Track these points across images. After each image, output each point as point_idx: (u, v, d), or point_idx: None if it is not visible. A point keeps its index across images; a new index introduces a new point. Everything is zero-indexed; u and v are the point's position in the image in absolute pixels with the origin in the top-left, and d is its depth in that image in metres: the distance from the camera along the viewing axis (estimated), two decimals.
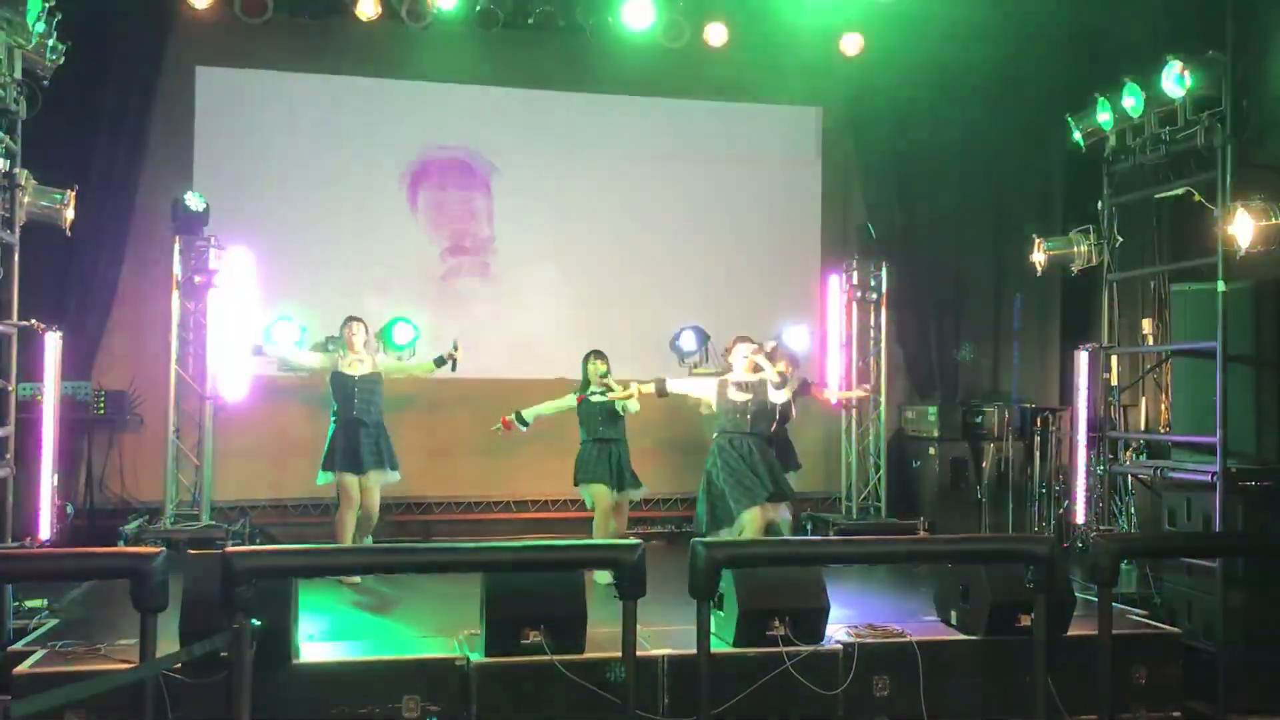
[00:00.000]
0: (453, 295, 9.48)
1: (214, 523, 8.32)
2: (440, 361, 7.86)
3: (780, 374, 7.51)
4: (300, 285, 8.98)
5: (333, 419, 7.62)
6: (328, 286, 8.93)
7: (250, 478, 8.93)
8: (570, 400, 7.89)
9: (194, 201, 8.19)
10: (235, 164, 8.99)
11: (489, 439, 9.42)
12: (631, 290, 9.67)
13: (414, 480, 9.10)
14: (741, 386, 7.11)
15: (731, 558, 5.15)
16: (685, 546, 5.08)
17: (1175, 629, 6.03)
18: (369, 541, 7.65)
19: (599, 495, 7.75)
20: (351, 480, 7.48)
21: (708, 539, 6.15)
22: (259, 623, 4.44)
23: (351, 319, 7.72)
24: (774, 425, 8.00)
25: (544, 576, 5.30)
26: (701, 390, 7.34)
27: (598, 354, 8.03)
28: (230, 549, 4.78)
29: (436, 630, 5.82)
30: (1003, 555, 5.49)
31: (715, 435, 7.11)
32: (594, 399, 7.90)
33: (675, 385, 7.52)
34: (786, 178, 10.16)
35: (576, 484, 7.86)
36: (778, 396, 7.24)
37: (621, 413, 7.94)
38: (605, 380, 7.86)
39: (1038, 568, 5.03)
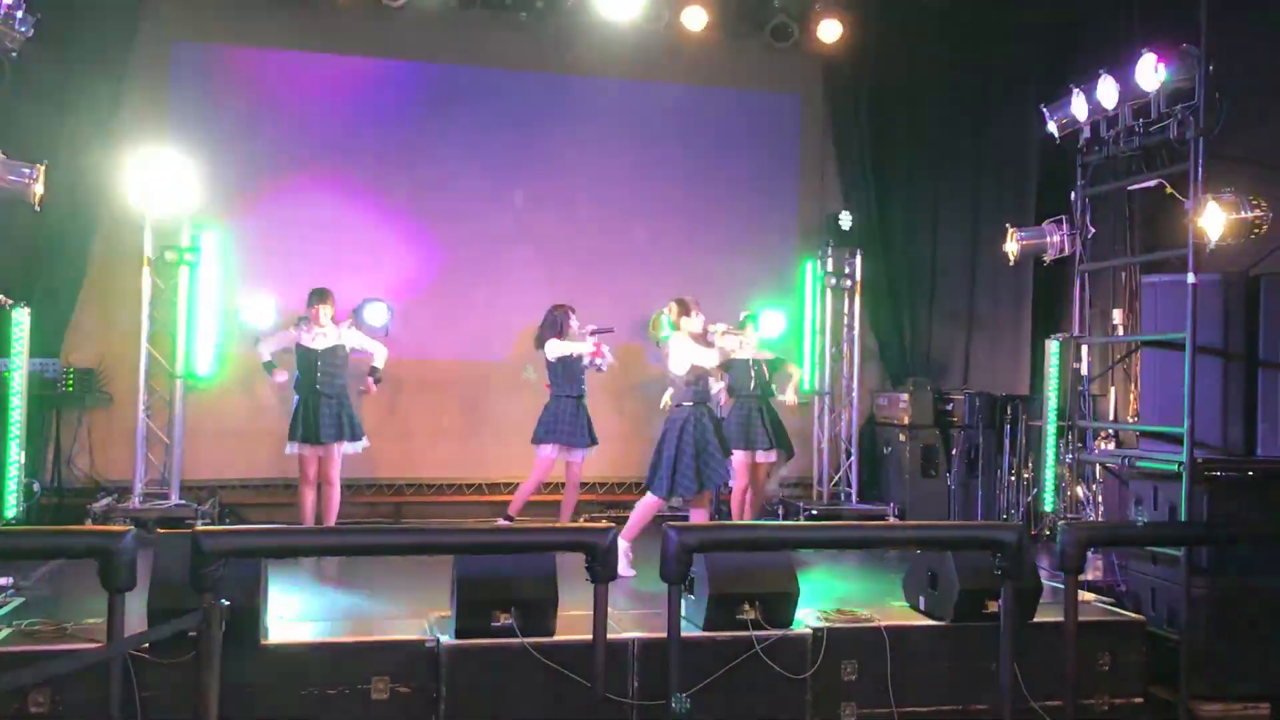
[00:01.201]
0: (427, 277, 9.42)
1: (183, 502, 8.28)
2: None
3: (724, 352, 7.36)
4: (275, 264, 8.91)
5: (296, 391, 7.63)
6: (302, 265, 8.85)
7: (220, 457, 8.88)
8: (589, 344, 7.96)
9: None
10: (209, 140, 8.86)
11: (461, 421, 9.45)
12: (605, 275, 9.65)
13: (385, 462, 9.10)
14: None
15: (703, 542, 5.16)
16: (657, 531, 5.09)
17: (1139, 617, 6.09)
18: (333, 520, 7.65)
19: (546, 458, 7.89)
20: (309, 453, 7.53)
21: (680, 524, 6.16)
22: (228, 603, 4.42)
23: (318, 295, 7.68)
24: (752, 390, 8.03)
25: (515, 559, 5.29)
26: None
27: (572, 309, 8.13)
28: (199, 529, 4.74)
29: (407, 612, 5.80)
30: (971, 542, 5.53)
31: (681, 404, 7.01)
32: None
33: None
34: (763, 164, 10.15)
35: (539, 441, 7.92)
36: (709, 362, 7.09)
37: (596, 370, 8.13)
38: (590, 337, 7.98)
39: (1005, 555, 5.07)
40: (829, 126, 10.27)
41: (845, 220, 9.73)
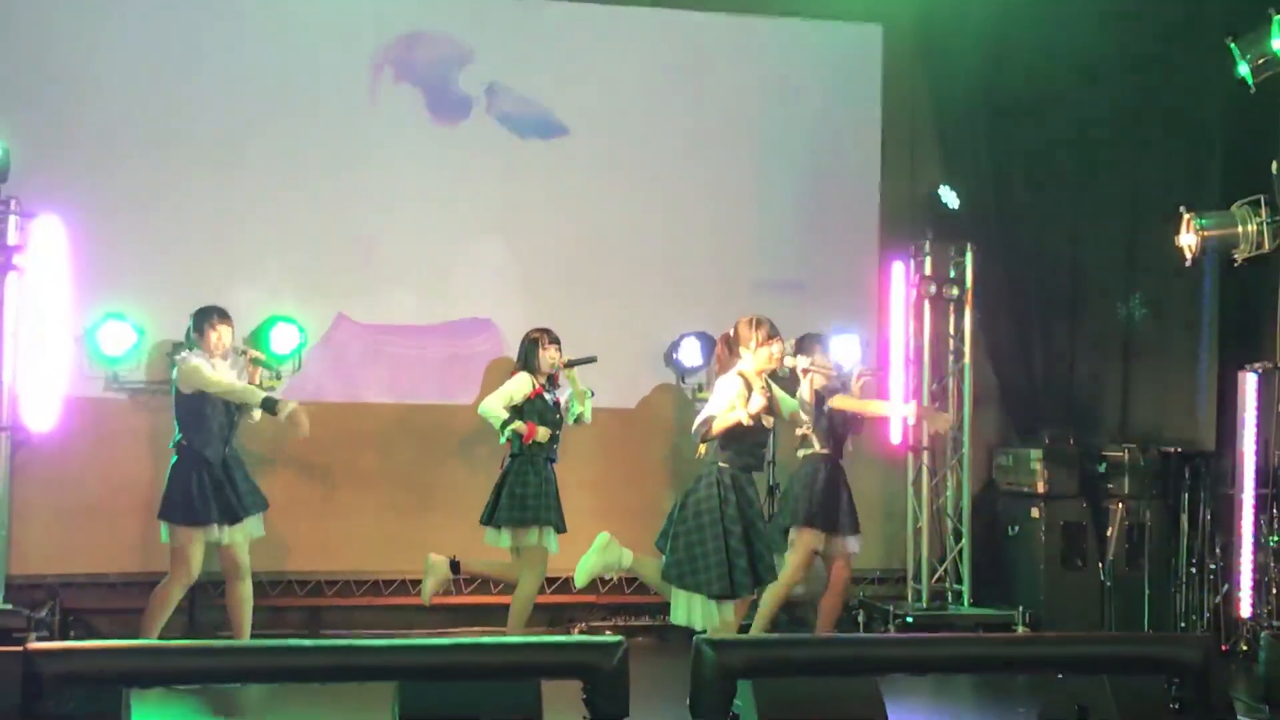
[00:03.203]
0: (355, 286, 9.44)
1: (11, 606, 8.28)
2: (268, 405, 7.69)
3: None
4: (138, 269, 8.94)
5: (177, 455, 7.67)
6: (176, 271, 8.88)
7: (64, 543, 8.87)
8: (525, 387, 7.95)
9: None
10: (46, 101, 8.91)
11: (404, 490, 9.41)
12: (612, 278, 9.69)
13: (296, 550, 9.11)
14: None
15: (752, 663, 5.15)
16: (684, 645, 5.08)
17: None
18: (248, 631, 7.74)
19: (539, 548, 7.96)
20: (198, 539, 7.56)
21: (716, 637, 6.15)
22: None
23: (211, 316, 7.74)
24: (829, 448, 8.07)
25: (483, 688, 5.29)
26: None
27: (550, 336, 8.12)
28: (34, 645, 4.75)
29: None
30: (1136, 663, 5.52)
31: (717, 464, 7.01)
32: (549, 396, 8.00)
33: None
34: (834, 123, 10.18)
35: (527, 523, 7.95)
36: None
37: (575, 422, 8.13)
38: (568, 371, 8.03)
39: (1186, 680, 5.06)
40: (924, 70, 10.32)
41: (949, 199, 9.73)
